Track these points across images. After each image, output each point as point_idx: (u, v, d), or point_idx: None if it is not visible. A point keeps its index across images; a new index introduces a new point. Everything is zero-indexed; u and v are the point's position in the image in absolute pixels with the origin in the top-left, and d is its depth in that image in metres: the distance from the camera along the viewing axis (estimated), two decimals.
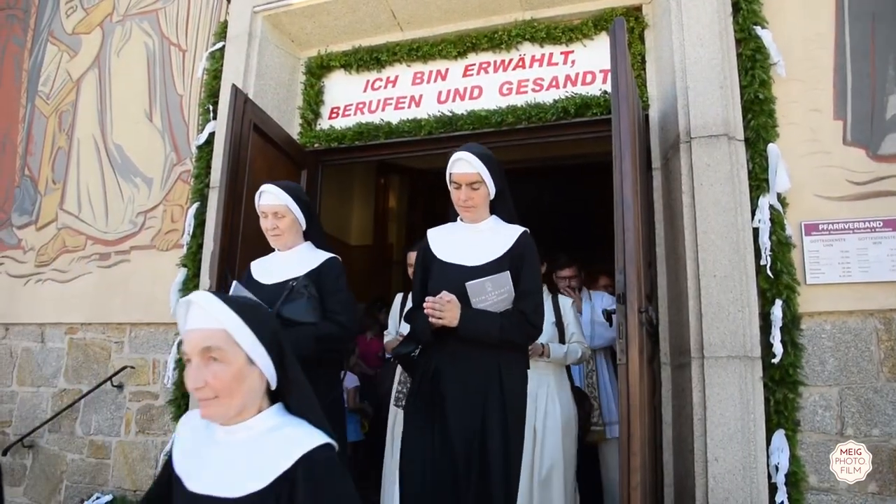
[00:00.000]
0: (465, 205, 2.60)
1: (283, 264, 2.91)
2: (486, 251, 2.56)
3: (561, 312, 3.63)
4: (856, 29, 3.40)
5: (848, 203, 3.23)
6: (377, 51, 4.57)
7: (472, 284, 2.44)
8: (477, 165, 2.56)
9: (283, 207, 2.86)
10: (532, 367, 2.91)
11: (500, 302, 2.47)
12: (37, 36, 5.78)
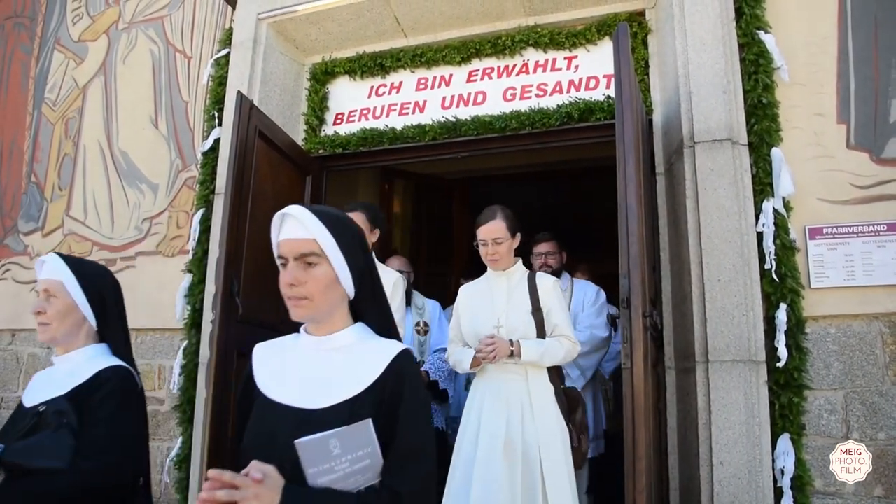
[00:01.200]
0: (293, 295, 1.45)
1: None
2: (333, 384, 1.44)
3: (539, 296, 3.03)
4: (858, 33, 3.40)
5: (852, 207, 3.23)
6: (381, 57, 4.59)
7: (305, 443, 1.29)
8: (312, 227, 1.45)
9: None
10: (498, 371, 2.96)
11: (354, 472, 1.32)
12: (43, 43, 5.82)
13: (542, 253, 4.21)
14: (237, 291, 3.55)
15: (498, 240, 3.01)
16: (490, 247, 3.03)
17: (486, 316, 3.03)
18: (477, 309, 3.09)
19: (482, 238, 3.04)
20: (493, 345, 2.85)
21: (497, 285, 3.11)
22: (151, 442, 4.45)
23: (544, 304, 3.02)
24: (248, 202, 3.74)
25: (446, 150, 4.35)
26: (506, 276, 3.09)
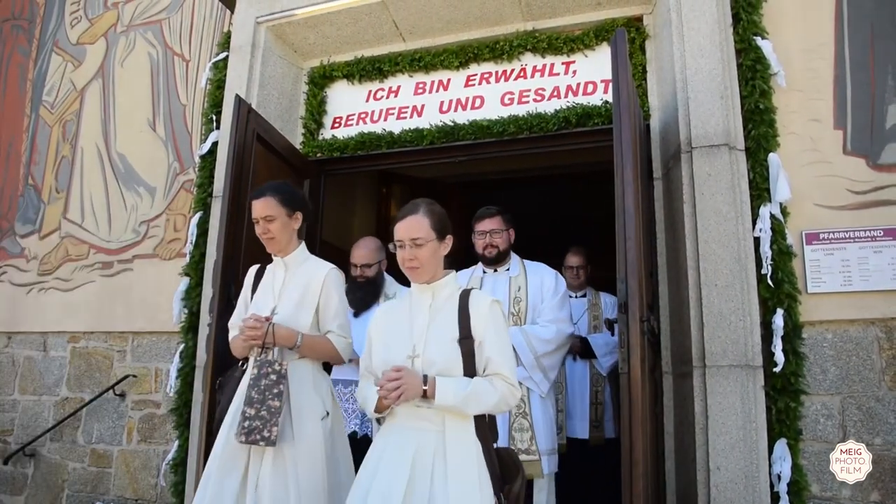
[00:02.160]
0: None
1: None
2: None
3: (470, 319, 2.22)
4: (855, 40, 3.42)
5: (849, 212, 3.24)
6: (379, 61, 4.60)
7: None
8: None
9: None
10: (407, 417, 2.19)
11: None
12: (41, 46, 5.82)
13: (485, 231, 3.53)
14: (234, 295, 3.55)
15: (418, 240, 2.22)
16: (407, 250, 2.23)
17: (401, 342, 2.25)
18: (391, 333, 2.30)
19: (398, 238, 2.26)
20: (398, 380, 2.09)
21: (418, 303, 2.31)
22: (148, 446, 4.45)
23: (476, 330, 2.19)
24: (245, 206, 3.74)
25: (444, 155, 4.35)
26: (430, 292, 2.29)
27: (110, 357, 4.76)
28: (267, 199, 2.75)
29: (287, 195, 2.80)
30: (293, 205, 2.81)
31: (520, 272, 3.58)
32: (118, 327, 4.77)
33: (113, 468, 4.54)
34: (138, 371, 4.63)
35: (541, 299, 3.49)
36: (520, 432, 3.32)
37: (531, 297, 3.48)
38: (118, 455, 4.55)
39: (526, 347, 3.32)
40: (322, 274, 2.76)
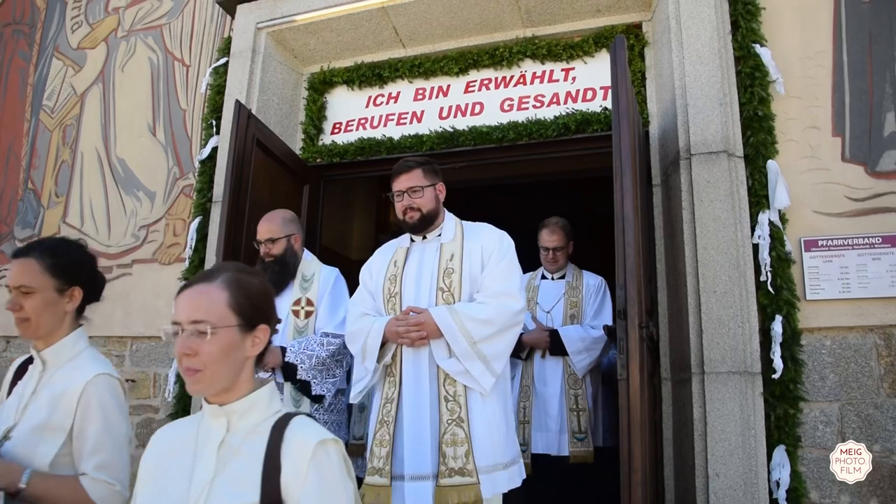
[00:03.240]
0: None
1: None
2: None
3: (281, 464, 1.55)
4: (853, 47, 3.43)
5: (847, 219, 3.25)
6: (379, 67, 4.61)
7: None
8: None
9: None
10: None
11: None
12: (42, 50, 5.83)
13: (401, 191, 2.81)
14: None
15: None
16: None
17: None
18: (167, 478, 1.53)
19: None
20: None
21: (206, 434, 1.53)
22: None
23: (289, 493, 1.40)
24: (245, 211, 3.75)
25: (443, 161, 4.34)
26: (224, 417, 1.51)
27: None
28: (27, 261, 1.95)
29: (62, 261, 1.99)
30: (67, 276, 2.00)
31: (455, 237, 2.81)
32: (117, 332, 4.76)
33: None
34: (137, 376, 4.62)
35: (480, 268, 2.72)
36: (452, 447, 2.48)
37: (467, 268, 2.70)
38: None
39: (458, 332, 2.53)
40: (80, 383, 1.88)
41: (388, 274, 2.80)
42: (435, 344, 2.58)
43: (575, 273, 3.99)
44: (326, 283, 3.31)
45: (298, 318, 3.24)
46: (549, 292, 3.94)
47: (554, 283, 3.97)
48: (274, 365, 3.06)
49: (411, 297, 2.69)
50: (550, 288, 3.96)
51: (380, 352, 2.65)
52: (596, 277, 3.96)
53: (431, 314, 2.57)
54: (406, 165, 2.86)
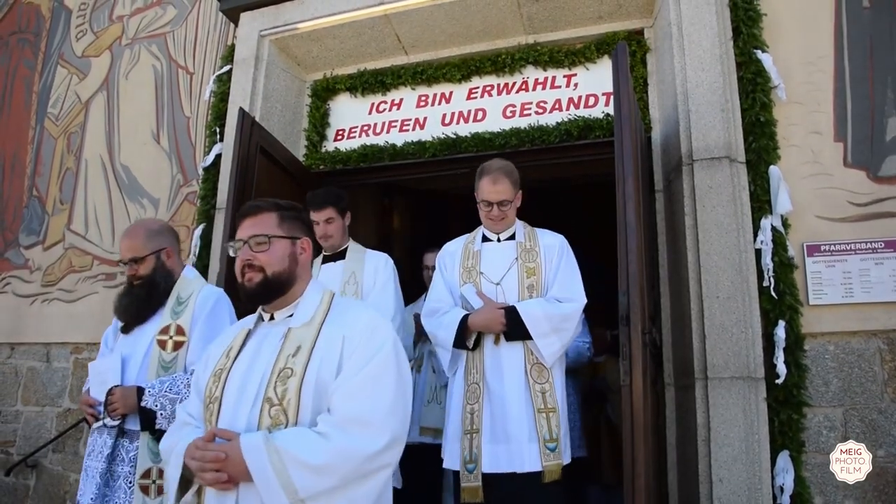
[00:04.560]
0: None
1: None
2: None
3: None
4: (854, 53, 3.44)
5: (849, 224, 3.25)
6: (382, 74, 4.63)
7: None
8: None
9: None
10: None
11: None
12: (47, 59, 5.86)
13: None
14: None
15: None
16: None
17: None
18: None
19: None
20: None
21: None
22: None
23: None
24: None
25: (446, 167, 4.37)
26: None
27: None
28: None
29: None
30: None
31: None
32: None
33: None
34: None
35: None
36: None
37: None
38: None
39: (274, 481, 1.56)
40: None
41: (216, 367, 1.95)
42: (244, 491, 1.70)
43: (527, 232, 3.12)
44: (203, 307, 2.66)
45: (165, 349, 2.59)
46: (495, 258, 3.06)
47: (500, 247, 3.08)
48: (126, 411, 2.46)
49: (230, 407, 1.83)
50: (496, 253, 3.07)
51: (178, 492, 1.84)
52: (555, 236, 3.12)
53: (240, 446, 1.69)
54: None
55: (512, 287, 2.96)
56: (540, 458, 2.71)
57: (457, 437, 2.81)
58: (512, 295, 2.94)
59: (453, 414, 2.91)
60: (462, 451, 2.78)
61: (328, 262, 3.58)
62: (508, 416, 2.78)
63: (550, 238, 3.08)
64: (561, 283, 2.96)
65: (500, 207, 2.99)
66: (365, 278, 3.46)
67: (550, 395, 2.81)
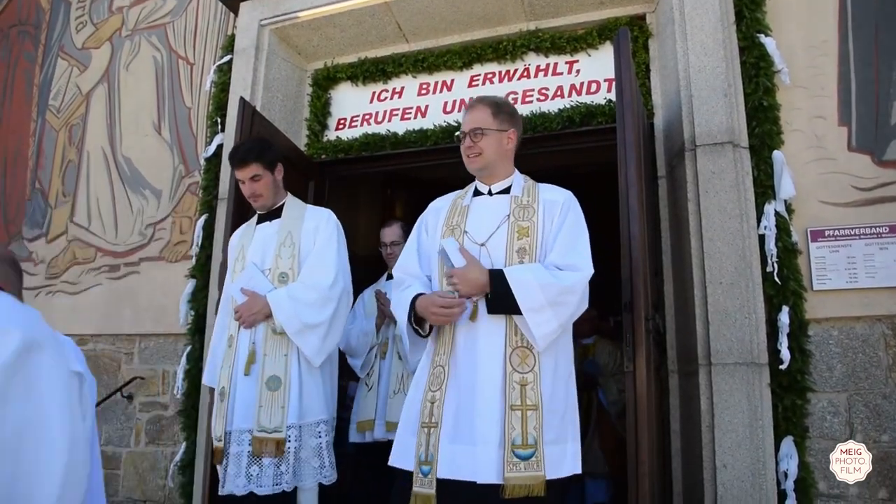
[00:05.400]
0: None
1: None
2: None
3: None
4: (859, 36, 3.41)
5: (854, 209, 3.23)
6: (383, 62, 4.61)
7: None
8: None
9: None
10: None
11: None
12: (47, 51, 5.85)
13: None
14: None
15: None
16: None
17: None
18: None
19: None
20: None
21: None
22: (156, 447, 4.47)
23: None
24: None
25: (448, 155, 4.34)
26: None
27: (118, 359, 4.78)
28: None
29: None
30: None
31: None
32: (125, 330, 4.79)
33: (121, 470, 4.56)
34: (146, 373, 4.65)
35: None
36: None
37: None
38: (126, 457, 4.57)
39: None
40: None
41: None
42: None
43: (527, 186, 2.53)
44: None
45: None
46: (484, 214, 2.48)
47: (493, 201, 2.51)
48: None
49: None
50: (487, 208, 2.49)
51: None
52: (560, 191, 2.53)
53: None
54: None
55: (499, 249, 2.36)
56: (500, 468, 2.10)
57: (411, 429, 2.30)
58: (499, 259, 2.34)
59: (410, 401, 2.38)
60: (417, 448, 2.23)
61: (263, 221, 3.21)
62: (476, 410, 2.18)
63: (554, 193, 2.50)
64: (562, 247, 2.35)
65: (472, 138, 2.47)
66: (303, 238, 3.08)
67: (533, 388, 2.19)
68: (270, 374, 2.84)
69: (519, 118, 2.60)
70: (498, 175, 2.53)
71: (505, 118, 2.50)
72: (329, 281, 2.96)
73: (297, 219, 3.16)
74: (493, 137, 2.46)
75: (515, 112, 2.60)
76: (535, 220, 2.40)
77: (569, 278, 2.27)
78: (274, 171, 3.19)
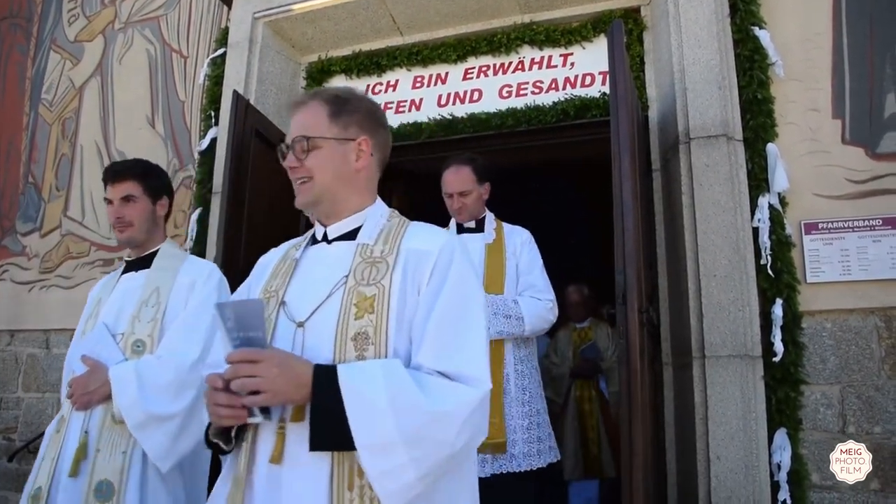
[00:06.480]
0: None
1: None
2: None
3: None
4: (853, 29, 3.41)
5: (847, 202, 3.23)
6: (377, 55, 4.59)
7: None
8: None
9: None
10: None
11: None
12: (39, 44, 5.81)
13: None
14: None
15: None
16: None
17: None
18: None
19: None
20: None
21: None
22: None
23: None
24: (244, 201, 3.75)
25: (443, 148, 4.34)
26: None
27: None
28: None
29: None
30: None
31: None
32: None
33: None
34: None
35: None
36: None
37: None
38: None
39: None
40: None
41: None
42: None
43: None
44: None
45: None
46: (313, 273, 2.19)
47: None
48: None
49: None
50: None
51: None
52: (439, 236, 1.57)
53: None
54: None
55: (324, 333, 1.48)
56: None
57: None
58: (322, 350, 1.46)
59: None
60: None
61: (129, 271, 2.61)
62: None
63: (426, 239, 1.60)
64: (434, 337, 1.43)
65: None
66: (172, 298, 2.43)
67: None
68: (101, 479, 2.17)
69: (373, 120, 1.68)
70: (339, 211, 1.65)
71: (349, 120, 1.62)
72: (193, 357, 2.28)
73: (169, 271, 2.50)
74: None
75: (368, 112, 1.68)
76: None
77: (445, 398, 1.36)
78: (156, 202, 2.63)
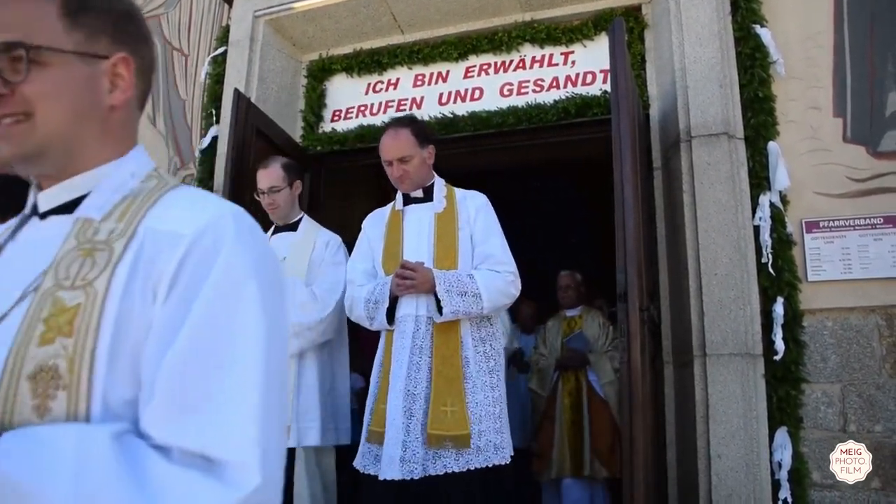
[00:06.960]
0: None
1: None
2: None
3: None
4: (854, 27, 3.41)
5: (848, 200, 3.23)
6: (378, 53, 4.59)
7: None
8: None
9: None
10: None
11: None
12: None
13: None
14: None
15: None
16: None
17: None
18: None
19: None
20: None
21: None
22: None
23: None
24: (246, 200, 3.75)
25: (443, 147, 4.33)
26: None
27: None
28: None
29: None
30: None
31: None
32: None
33: None
34: None
35: None
36: None
37: None
38: None
39: None
40: None
41: None
42: None
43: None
44: None
45: None
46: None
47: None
48: None
49: None
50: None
51: None
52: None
53: None
54: None
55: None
56: None
57: None
58: None
59: None
60: None
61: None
62: None
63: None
64: (170, 386, 0.82)
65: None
66: None
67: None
68: None
69: None
70: None
71: None
72: None
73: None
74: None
75: None
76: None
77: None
78: None
